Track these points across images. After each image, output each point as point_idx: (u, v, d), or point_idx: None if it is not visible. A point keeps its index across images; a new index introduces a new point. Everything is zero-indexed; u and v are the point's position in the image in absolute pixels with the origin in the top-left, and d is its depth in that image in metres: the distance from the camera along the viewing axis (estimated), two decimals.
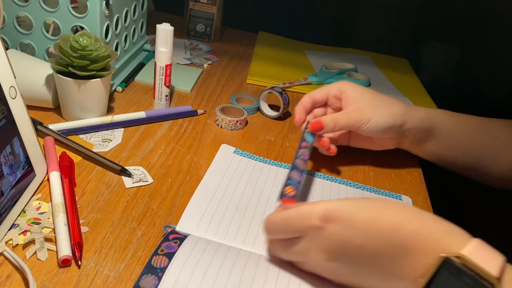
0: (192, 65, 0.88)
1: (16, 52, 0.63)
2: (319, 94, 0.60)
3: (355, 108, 0.57)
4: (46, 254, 0.40)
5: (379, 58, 1.06)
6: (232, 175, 0.55)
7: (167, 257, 0.39)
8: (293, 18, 1.15)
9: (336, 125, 0.56)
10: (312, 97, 0.60)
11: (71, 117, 0.61)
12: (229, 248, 0.42)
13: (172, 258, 0.39)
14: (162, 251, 0.40)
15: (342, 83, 0.60)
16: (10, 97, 0.45)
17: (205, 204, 0.49)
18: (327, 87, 0.61)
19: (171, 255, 0.39)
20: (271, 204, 0.51)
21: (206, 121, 0.69)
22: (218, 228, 0.46)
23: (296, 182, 0.47)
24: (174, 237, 0.42)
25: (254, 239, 0.45)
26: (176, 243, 0.41)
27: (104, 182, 0.51)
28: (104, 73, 0.59)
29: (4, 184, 0.42)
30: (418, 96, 0.88)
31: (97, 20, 0.63)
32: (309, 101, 0.60)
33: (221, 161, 0.57)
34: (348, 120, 0.56)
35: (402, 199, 0.55)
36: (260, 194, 0.52)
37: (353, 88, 0.58)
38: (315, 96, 0.60)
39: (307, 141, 0.55)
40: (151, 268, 0.38)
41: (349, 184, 0.57)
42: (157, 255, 0.39)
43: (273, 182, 0.55)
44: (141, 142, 0.60)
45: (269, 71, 0.89)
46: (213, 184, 0.52)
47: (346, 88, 0.59)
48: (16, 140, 0.45)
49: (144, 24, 0.85)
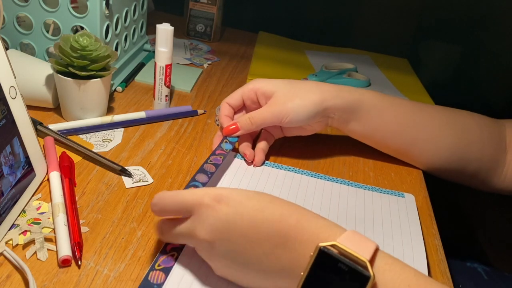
0: (192, 65, 0.88)
1: (16, 52, 0.63)
2: (233, 99, 0.59)
3: (272, 103, 0.56)
4: (46, 254, 0.40)
5: (379, 58, 1.06)
6: (232, 177, 0.55)
7: (164, 273, 0.39)
8: (293, 18, 1.15)
9: (253, 123, 0.55)
10: (228, 103, 0.59)
11: (71, 117, 0.61)
12: None
13: (169, 274, 0.39)
14: (159, 266, 0.40)
15: (254, 81, 0.58)
16: (10, 97, 0.45)
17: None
18: (240, 89, 0.59)
19: (168, 270, 0.40)
20: None
21: (206, 121, 0.69)
22: None
23: (201, 184, 0.47)
24: (172, 248, 0.42)
25: None
26: (173, 256, 0.41)
27: (104, 182, 0.51)
28: (104, 73, 0.59)
29: (4, 184, 0.42)
30: (418, 96, 0.88)
31: (97, 20, 0.63)
32: (227, 107, 0.59)
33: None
34: (264, 116, 0.55)
35: (404, 197, 0.55)
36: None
37: (266, 83, 0.57)
38: (231, 101, 0.59)
39: (224, 149, 0.55)
40: (148, 284, 0.38)
41: (350, 184, 0.57)
42: (154, 270, 0.39)
43: (273, 182, 0.55)
44: (141, 142, 0.60)
45: (269, 71, 0.89)
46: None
47: (259, 85, 0.57)
48: (16, 140, 0.45)
49: (144, 24, 0.85)
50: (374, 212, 0.52)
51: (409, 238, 0.48)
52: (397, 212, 0.52)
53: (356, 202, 0.53)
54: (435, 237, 0.52)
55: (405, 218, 0.51)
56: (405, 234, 0.49)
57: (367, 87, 0.89)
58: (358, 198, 0.54)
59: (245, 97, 0.59)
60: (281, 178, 0.56)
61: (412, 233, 0.49)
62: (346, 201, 0.53)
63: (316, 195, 0.54)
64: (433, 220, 0.54)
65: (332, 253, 0.33)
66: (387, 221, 0.51)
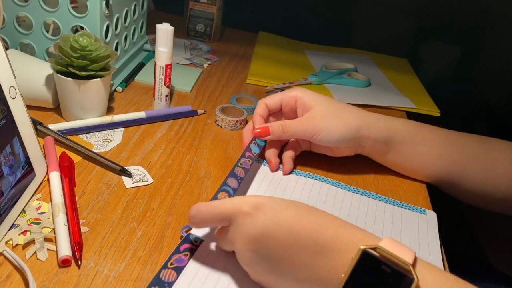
0: (192, 65, 0.88)
1: (16, 52, 0.63)
2: (273, 101, 0.58)
3: (308, 117, 0.55)
4: (46, 254, 0.40)
5: (379, 58, 1.06)
6: (259, 184, 0.54)
7: (176, 272, 0.39)
8: (293, 18, 1.15)
9: (285, 132, 0.54)
10: (266, 103, 0.58)
11: (71, 117, 0.61)
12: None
13: (181, 273, 0.39)
14: (171, 264, 0.40)
15: (297, 89, 0.57)
16: (10, 97, 0.45)
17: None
18: (281, 94, 0.58)
19: (180, 269, 0.40)
20: None
21: (206, 121, 0.69)
22: None
23: (231, 189, 0.47)
24: (185, 248, 0.42)
25: None
26: (186, 256, 0.41)
27: (104, 182, 0.51)
28: (104, 73, 0.59)
29: (4, 184, 0.42)
30: (418, 96, 0.88)
31: (97, 20, 0.63)
32: (264, 107, 0.58)
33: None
34: (297, 127, 0.55)
35: (426, 214, 0.54)
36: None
37: (308, 95, 0.56)
38: (268, 102, 0.58)
39: (253, 151, 0.55)
40: (159, 281, 0.38)
41: (372, 196, 0.56)
42: (166, 268, 0.40)
43: (292, 190, 0.54)
44: (141, 142, 0.60)
45: (269, 71, 0.89)
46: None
47: (301, 95, 0.56)
48: (16, 140, 0.45)
49: (144, 24, 0.85)
50: (393, 227, 0.51)
51: (427, 257, 0.47)
52: (416, 229, 0.51)
53: (375, 214, 0.52)
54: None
55: (424, 236, 0.50)
56: (423, 253, 0.48)
57: (367, 87, 0.89)
58: (377, 210, 0.53)
59: (284, 102, 0.58)
60: (300, 185, 0.55)
61: (430, 253, 0.48)
62: (365, 214, 0.52)
63: (336, 204, 0.53)
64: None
65: (375, 255, 0.33)
66: (406, 237, 0.50)
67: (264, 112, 0.58)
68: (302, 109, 0.57)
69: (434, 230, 0.52)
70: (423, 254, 0.47)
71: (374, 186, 0.59)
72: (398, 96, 0.87)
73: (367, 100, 0.83)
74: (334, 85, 0.88)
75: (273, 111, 0.59)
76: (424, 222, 0.53)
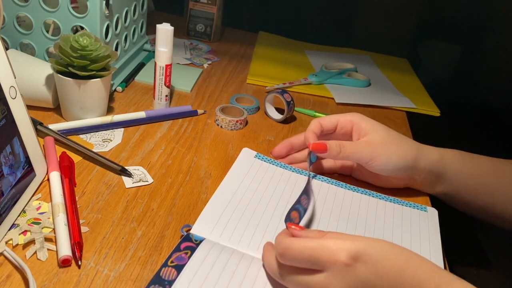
0: (192, 65, 0.88)
1: (16, 52, 0.63)
2: (328, 121, 0.57)
3: (367, 141, 0.54)
4: (46, 254, 0.40)
5: (379, 58, 1.06)
6: (251, 179, 0.54)
7: (176, 270, 0.39)
8: (293, 18, 1.15)
9: (341, 152, 0.53)
10: (321, 123, 0.57)
11: (71, 117, 0.61)
12: (240, 259, 0.42)
13: (181, 271, 0.39)
14: (172, 262, 0.40)
15: (354, 114, 0.57)
16: (10, 97, 0.45)
17: (222, 208, 0.48)
18: (337, 116, 0.57)
19: (181, 268, 0.40)
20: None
21: (206, 121, 0.69)
22: (232, 233, 0.45)
23: (303, 209, 0.47)
24: (186, 246, 0.42)
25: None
26: (187, 254, 0.41)
27: (104, 182, 0.51)
28: (104, 73, 0.59)
29: (4, 184, 0.42)
30: (418, 96, 0.88)
31: (97, 20, 0.63)
32: (318, 126, 0.57)
33: (241, 165, 0.56)
34: (355, 150, 0.53)
35: (427, 211, 0.54)
36: (278, 201, 0.51)
37: (365, 121, 0.56)
38: (324, 123, 0.57)
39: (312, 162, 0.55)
40: (159, 279, 0.38)
41: (371, 195, 0.56)
42: (166, 266, 0.40)
43: (292, 189, 0.54)
44: (141, 142, 0.60)
45: (269, 71, 0.89)
46: (231, 188, 0.52)
47: (358, 120, 0.55)
48: (16, 140, 0.45)
49: (144, 24, 0.85)
50: (394, 225, 0.51)
51: (427, 255, 0.47)
52: (417, 226, 0.51)
53: (376, 213, 0.52)
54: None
55: (425, 233, 0.50)
56: (424, 250, 0.48)
57: (367, 87, 0.89)
58: (378, 209, 0.53)
59: (340, 125, 0.57)
60: (300, 184, 0.55)
61: (431, 250, 0.48)
62: (366, 212, 0.52)
63: (336, 203, 0.53)
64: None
65: None
66: (407, 235, 0.50)
67: (317, 129, 0.57)
68: (358, 134, 0.56)
69: (435, 227, 0.52)
70: (424, 251, 0.48)
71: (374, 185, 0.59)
72: (398, 96, 0.87)
73: (367, 100, 0.83)
74: (334, 85, 0.88)
75: (326, 132, 0.58)
76: (425, 219, 0.53)
